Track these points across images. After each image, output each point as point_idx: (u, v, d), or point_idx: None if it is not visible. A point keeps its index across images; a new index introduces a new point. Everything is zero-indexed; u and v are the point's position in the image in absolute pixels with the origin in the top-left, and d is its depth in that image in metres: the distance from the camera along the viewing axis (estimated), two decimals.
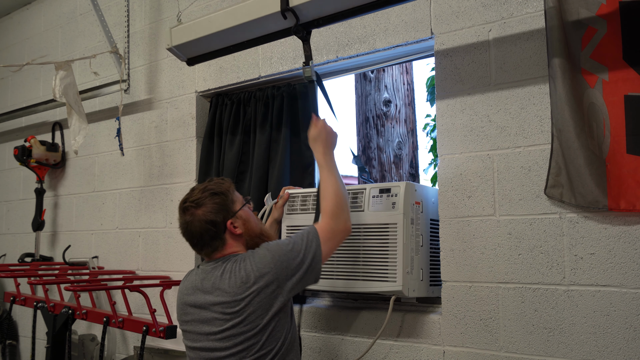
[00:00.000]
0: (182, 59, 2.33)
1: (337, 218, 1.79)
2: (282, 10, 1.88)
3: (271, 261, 1.67)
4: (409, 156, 3.80)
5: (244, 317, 1.64)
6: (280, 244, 1.73)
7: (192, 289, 1.77)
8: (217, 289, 1.69)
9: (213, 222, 1.73)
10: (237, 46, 2.18)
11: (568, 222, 1.80)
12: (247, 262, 1.68)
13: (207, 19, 2.12)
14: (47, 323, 2.82)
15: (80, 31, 3.69)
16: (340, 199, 1.82)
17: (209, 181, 1.82)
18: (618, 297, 1.71)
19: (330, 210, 1.80)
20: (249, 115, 2.71)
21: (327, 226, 1.78)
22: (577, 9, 1.79)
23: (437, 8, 2.13)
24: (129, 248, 3.17)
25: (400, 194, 1.95)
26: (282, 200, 2.21)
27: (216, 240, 1.75)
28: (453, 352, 1.99)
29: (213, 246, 1.76)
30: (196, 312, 1.73)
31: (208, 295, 1.70)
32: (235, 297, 1.65)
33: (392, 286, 1.93)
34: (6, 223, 4.09)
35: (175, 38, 2.22)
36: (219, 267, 1.72)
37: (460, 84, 2.05)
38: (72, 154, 3.56)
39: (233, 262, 1.71)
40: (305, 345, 2.35)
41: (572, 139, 1.76)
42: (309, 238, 1.73)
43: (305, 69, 2.00)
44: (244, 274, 1.66)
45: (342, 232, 1.80)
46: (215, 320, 1.68)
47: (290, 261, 1.68)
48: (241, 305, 1.64)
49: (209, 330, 1.69)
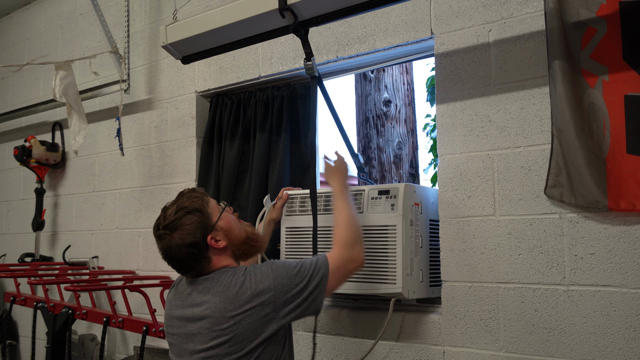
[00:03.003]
0: (177, 57, 2.28)
1: (350, 248, 1.69)
2: (280, 9, 1.87)
3: (272, 281, 1.55)
4: (409, 156, 3.81)
5: (230, 336, 1.52)
6: (287, 265, 1.60)
7: (180, 300, 1.66)
8: (207, 302, 1.56)
9: (192, 244, 1.60)
10: (234, 44, 2.14)
11: (568, 222, 1.80)
12: (245, 277, 1.57)
13: (203, 16, 2.09)
14: (47, 323, 2.82)
15: (80, 31, 3.69)
16: (354, 228, 1.74)
17: (179, 196, 1.68)
18: (618, 297, 1.71)
19: (343, 240, 1.71)
20: (249, 115, 2.71)
21: (338, 255, 1.68)
22: (577, 9, 1.78)
23: (437, 8, 2.13)
24: (129, 248, 3.17)
25: (400, 196, 1.95)
26: (280, 201, 2.20)
27: (200, 261, 1.62)
28: (453, 352, 1.99)
29: (198, 268, 1.63)
30: (181, 325, 1.62)
31: (195, 307, 1.59)
32: (225, 314, 1.53)
33: (392, 288, 1.93)
34: (6, 223, 4.09)
35: (170, 35, 2.18)
36: (210, 279, 1.61)
37: (460, 84, 2.05)
38: (72, 154, 3.56)
39: (227, 274, 1.59)
40: (305, 345, 2.35)
41: (572, 139, 1.76)
42: (318, 265, 1.62)
43: (307, 64, 1.99)
44: (239, 290, 1.54)
45: (354, 262, 1.70)
46: (199, 336, 1.56)
47: (292, 285, 1.56)
48: (230, 323, 1.52)
49: (193, 348, 1.57)
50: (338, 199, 1.83)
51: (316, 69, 2.01)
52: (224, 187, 2.73)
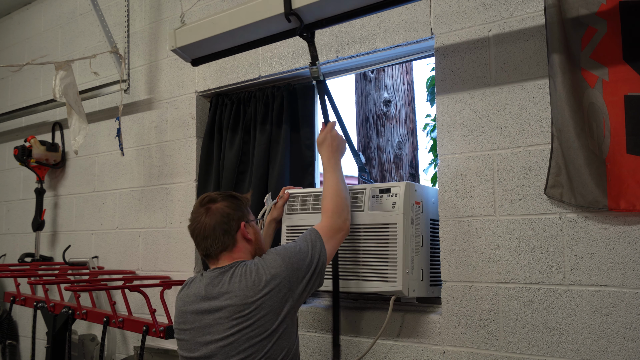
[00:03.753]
0: (186, 60, 2.35)
1: (336, 217, 1.81)
2: (285, 14, 1.90)
3: (282, 264, 1.66)
4: (409, 156, 3.81)
5: (253, 320, 1.60)
6: (287, 248, 1.72)
7: (194, 297, 1.71)
8: (225, 293, 1.64)
9: (229, 215, 1.73)
10: (241, 47, 2.20)
11: (568, 222, 1.80)
12: (258, 266, 1.66)
13: (210, 20, 2.14)
14: (47, 323, 2.82)
15: (80, 31, 3.69)
16: (340, 198, 1.84)
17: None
18: (618, 297, 1.71)
19: (329, 209, 1.82)
20: (249, 115, 2.71)
21: (326, 225, 1.80)
22: (577, 9, 1.78)
23: (437, 8, 2.13)
24: (129, 248, 3.17)
25: (400, 194, 1.95)
26: (282, 200, 2.21)
27: (227, 236, 1.72)
28: (453, 352, 1.99)
29: (223, 243, 1.72)
30: (197, 319, 1.67)
31: (214, 300, 1.65)
32: (246, 300, 1.61)
33: (392, 286, 1.93)
34: (6, 223, 4.09)
35: (179, 39, 2.25)
36: (227, 272, 1.68)
37: (460, 84, 2.05)
38: (72, 154, 3.56)
39: (243, 266, 1.68)
40: (305, 345, 2.35)
41: (572, 139, 1.76)
42: (312, 238, 1.75)
43: (312, 69, 2.01)
44: (256, 277, 1.63)
45: (341, 230, 1.82)
46: (217, 326, 1.62)
47: (300, 262, 1.68)
48: (252, 308, 1.60)
49: (210, 339, 1.63)
50: (326, 170, 1.92)
51: (321, 73, 2.02)
52: (224, 186, 2.73)
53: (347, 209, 1.86)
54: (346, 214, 1.84)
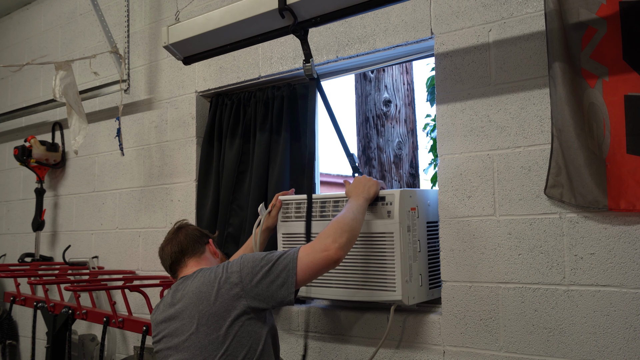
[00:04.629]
0: (178, 57, 2.31)
1: (325, 238, 1.68)
2: (279, 9, 1.88)
3: (240, 266, 1.69)
4: (409, 156, 3.81)
5: (206, 317, 1.65)
6: (255, 254, 1.73)
7: (162, 307, 1.80)
8: (186, 295, 1.72)
9: (200, 231, 1.95)
10: (234, 45, 2.16)
11: (568, 222, 1.80)
12: (218, 267, 1.73)
13: (204, 17, 2.11)
14: (47, 323, 2.82)
15: (80, 31, 3.69)
16: (339, 225, 1.71)
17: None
18: (618, 297, 1.71)
19: (322, 233, 1.71)
20: (249, 115, 2.71)
21: (310, 245, 1.69)
22: (577, 9, 1.78)
23: (437, 8, 2.13)
24: (129, 248, 3.17)
25: (395, 203, 1.92)
26: (275, 209, 2.19)
27: (199, 244, 1.89)
28: (453, 352, 1.99)
29: (194, 250, 1.87)
30: (166, 326, 1.75)
31: (178, 304, 1.73)
32: (202, 298, 1.67)
33: (392, 295, 1.92)
34: (6, 223, 4.09)
35: (172, 36, 2.22)
36: (190, 277, 1.77)
37: (460, 84, 2.05)
38: (72, 154, 3.56)
39: (203, 270, 1.76)
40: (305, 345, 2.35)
41: (572, 139, 1.76)
42: (286, 253, 1.68)
43: (305, 66, 1.99)
44: (214, 277, 1.70)
45: (326, 250, 1.65)
46: (182, 328, 1.69)
47: (257, 268, 1.67)
48: (204, 305, 1.66)
49: (177, 342, 1.69)
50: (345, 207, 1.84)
51: (314, 70, 2.01)
52: (224, 187, 2.73)
53: (345, 235, 1.69)
54: (340, 240, 1.67)
